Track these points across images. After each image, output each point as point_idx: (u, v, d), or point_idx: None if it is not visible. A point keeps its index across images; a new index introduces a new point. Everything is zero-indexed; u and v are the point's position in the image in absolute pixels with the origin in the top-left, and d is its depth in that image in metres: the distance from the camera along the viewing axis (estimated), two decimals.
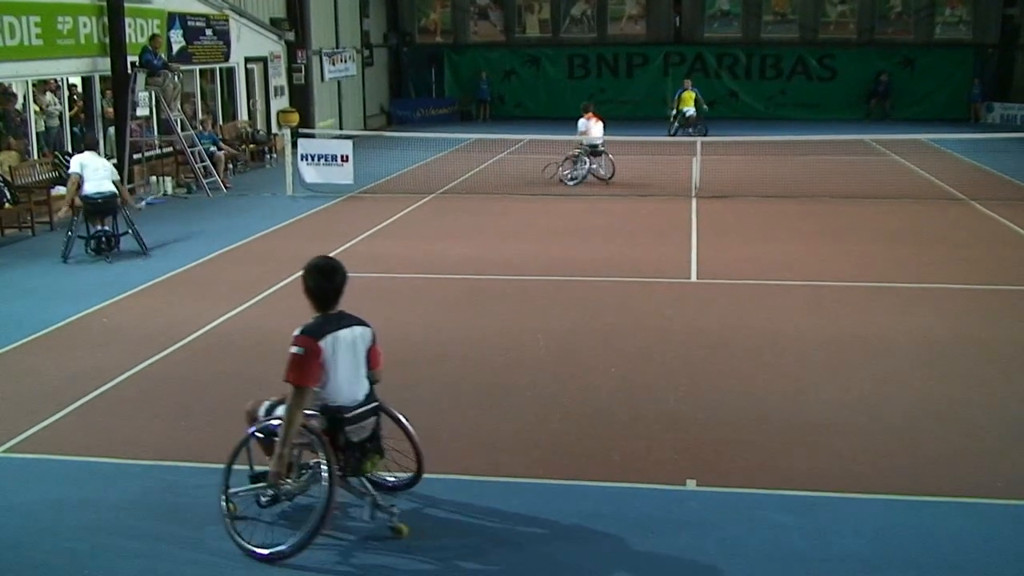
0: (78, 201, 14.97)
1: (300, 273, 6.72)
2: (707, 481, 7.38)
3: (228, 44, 25.99)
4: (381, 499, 6.63)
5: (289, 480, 6.42)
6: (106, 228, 15.18)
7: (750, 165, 24.07)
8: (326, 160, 21.06)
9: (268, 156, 26.54)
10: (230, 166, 23.21)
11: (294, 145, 21.61)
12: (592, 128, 22.27)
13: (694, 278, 13.72)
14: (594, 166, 22.30)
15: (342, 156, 21.03)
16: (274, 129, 28.24)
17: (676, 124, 30.27)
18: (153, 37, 21.40)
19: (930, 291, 12.88)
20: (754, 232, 16.73)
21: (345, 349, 6.48)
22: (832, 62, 38.07)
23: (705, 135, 27.36)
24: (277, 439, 6.27)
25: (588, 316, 11.80)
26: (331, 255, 6.66)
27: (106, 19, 20.27)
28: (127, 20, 20.66)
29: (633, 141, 25.76)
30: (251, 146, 26.21)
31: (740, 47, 38.73)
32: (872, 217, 18.03)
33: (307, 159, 21.09)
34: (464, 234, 16.77)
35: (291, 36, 29.68)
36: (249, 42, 27.40)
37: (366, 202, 20.13)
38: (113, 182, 15.17)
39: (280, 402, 6.54)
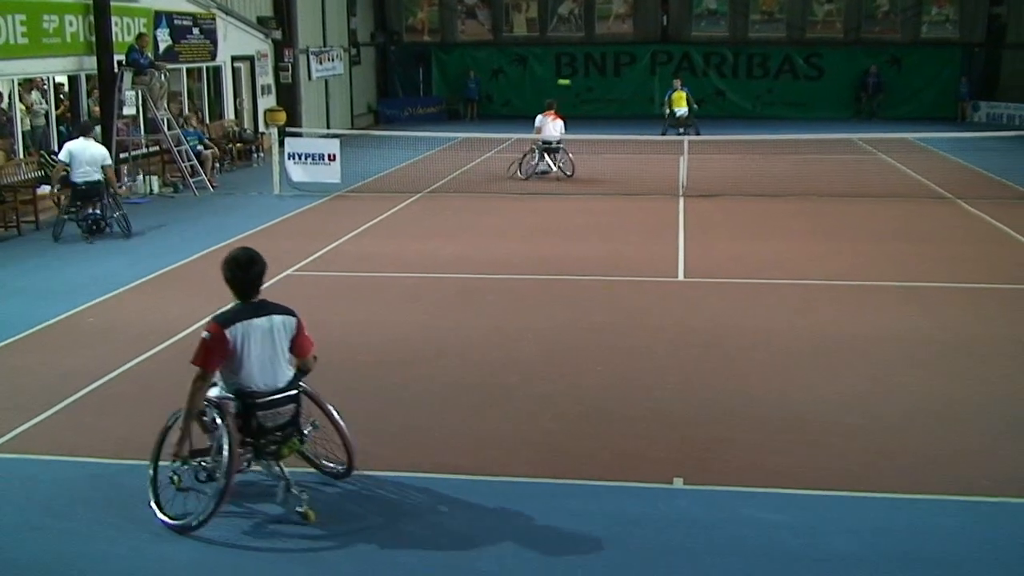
0: (64, 196, 16.19)
1: (286, 272, 6.77)
2: (697, 479, 7.38)
3: (215, 43, 25.93)
4: (294, 484, 6.84)
5: (206, 458, 6.75)
6: (96, 212, 16.13)
7: (737, 164, 24.10)
8: (313, 159, 21.01)
9: (255, 155, 26.48)
10: (216, 165, 23.15)
11: (281, 144, 21.57)
12: (547, 126, 22.73)
13: (681, 277, 13.74)
14: (549, 162, 22.81)
15: (329, 155, 20.99)
16: (261, 128, 28.19)
17: (667, 124, 29.84)
18: (140, 36, 21.35)
19: (919, 290, 12.92)
20: (742, 231, 16.75)
21: (260, 337, 6.74)
22: (819, 61, 38.16)
23: (698, 134, 27.36)
24: (205, 418, 6.76)
25: (577, 315, 11.80)
26: (250, 247, 7.07)
27: (92, 18, 20.19)
28: (113, 19, 20.60)
29: (620, 140, 25.84)
30: (238, 145, 26.14)
31: (727, 46, 38.77)
32: (860, 216, 18.06)
33: (294, 158, 21.04)
34: (452, 233, 16.75)
35: (278, 35, 29.63)
36: (236, 41, 27.34)
37: (353, 201, 20.10)
38: (104, 167, 16.14)
39: (215, 384, 6.84)
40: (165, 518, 6.67)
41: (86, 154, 15.98)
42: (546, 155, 22.88)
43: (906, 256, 14.79)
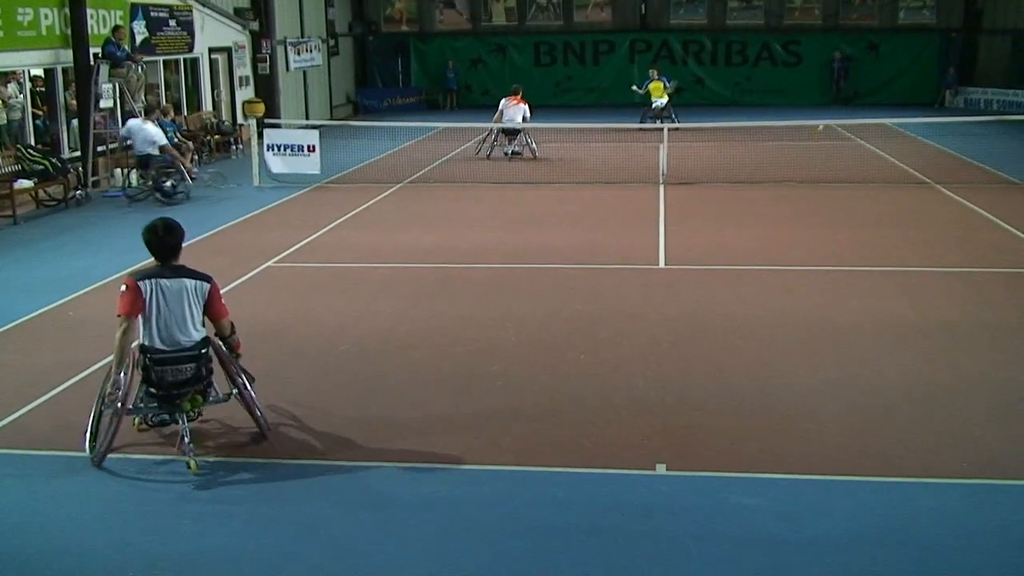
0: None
1: (266, 263, 6.82)
2: (678, 466, 7.41)
3: (192, 34, 25.80)
4: (188, 437, 7.51)
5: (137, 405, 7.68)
6: (162, 179, 19.04)
7: (717, 151, 24.12)
8: (292, 150, 20.95)
9: (234, 147, 26.37)
10: (195, 157, 23.03)
11: (260, 135, 21.49)
12: (507, 110, 24.12)
13: (662, 264, 13.76)
14: (507, 145, 24.01)
15: (309, 146, 20.93)
16: (240, 120, 28.07)
17: (646, 113, 29.31)
18: (116, 28, 21.25)
19: (898, 274, 12.97)
20: (722, 218, 16.78)
21: (169, 297, 7.46)
22: (797, 48, 38.26)
23: (674, 121, 27.27)
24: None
25: (558, 303, 11.81)
26: (172, 217, 7.96)
27: (68, 10, 20.07)
28: (89, 11, 20.47)
29: (600, 128, 25.86)
30: (216, 137, 26.03)
31: (706, 33, 38.83)
32: (839, 202, 18.12)
33: (273, 149, 20.98)
34: (433, 223, 16.73)
35: (255, 26, 29.48)
36: (213, 32, 27.21)
37: (334, 192, 20.05)
38: (160, 146, 18.95)
39: None
40: (87, 450, 7.56)
41: (141, 133, 18.85)
42: (507, 138, 23.96)
43: (885, 241, 14.85)
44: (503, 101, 24.37)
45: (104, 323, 11.08)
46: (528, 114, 24.19)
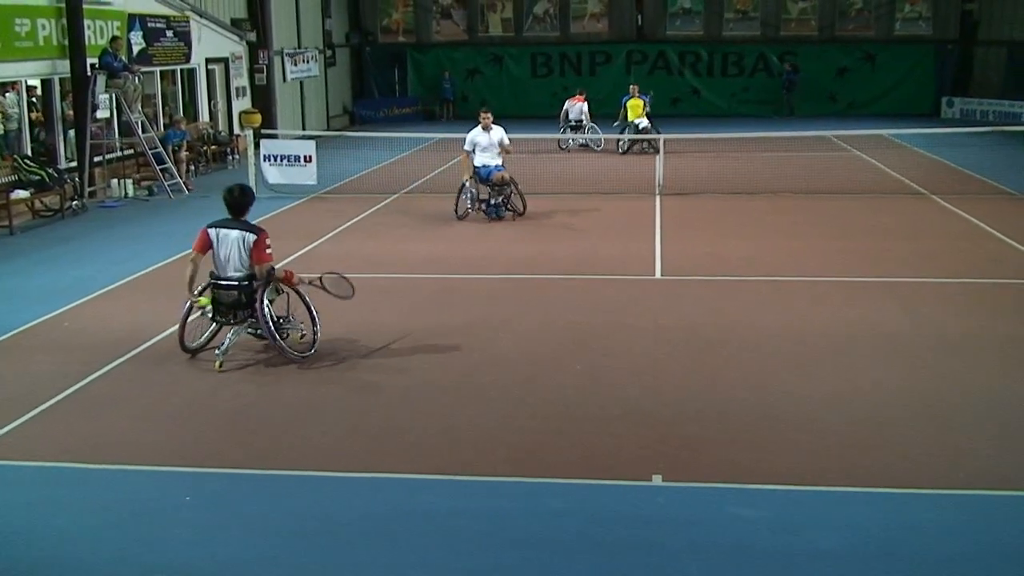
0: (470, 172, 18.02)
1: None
2: (674, 477, 7.41)
3: (189, 45, 25.81)
4: (228, 344, 10.01)
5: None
6: (496, 197, 17.88)
7: (713, 162, 24.15)
8: (289, 161, 20.94)
9: (230, 157, 26.38)
10: (191, 168, 23.05)
11: (256, 146, 21.49)
12: (570, 110, 27.78)
13: (658, 275, 13.76)
14: (576, 138, 27.62)
15: (305, 156, 20.92)
16: (236, 130, 28.08)
17: (626, 140, 26.91)
18: (113, 39, 21.26)
19: (895, 285, 12.98)
20: (718, 229, 16.79)
21: (227, 242, 9.90)
22: (794, 59, 38.29)
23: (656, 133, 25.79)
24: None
25: (554, 314, 11.81)
26: (246, 184, 10.55)
27: (65, 21, 20.09)
28: (86, 22, 20.49)
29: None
30: (212, 147, 26.04)
31: (702, 45, 38.90)
32: (836, 213, 18.14)
33: (270, 160, 20.96)
34: (429, 233, 16.73)
35: (252, 37, 29.52)
36: (210, 43, 27.23)
37: (330, 202, 20.05)
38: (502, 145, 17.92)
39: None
40: (186, 345, 10.23)
41: (486, 139, 17.74)
42: (573, 131, 27.52)
43: (882, 252, 14.86)
44: (567, 101, 27.99)
45: (101, 333, 11.13)
46: (586, 111, 27.50)
